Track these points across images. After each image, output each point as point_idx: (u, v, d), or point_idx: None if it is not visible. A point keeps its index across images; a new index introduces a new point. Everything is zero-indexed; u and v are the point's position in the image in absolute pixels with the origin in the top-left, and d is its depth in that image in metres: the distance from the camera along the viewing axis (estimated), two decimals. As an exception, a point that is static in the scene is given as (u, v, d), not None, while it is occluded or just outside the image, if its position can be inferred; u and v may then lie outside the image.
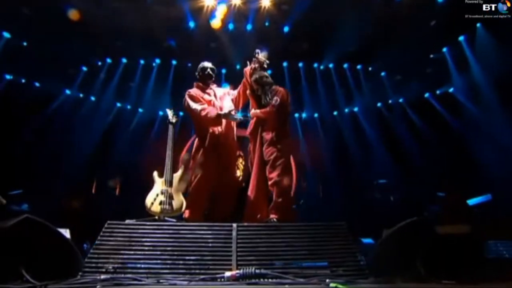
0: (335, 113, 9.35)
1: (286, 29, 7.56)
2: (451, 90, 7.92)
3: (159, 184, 3.38)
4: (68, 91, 8.07)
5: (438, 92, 8.27)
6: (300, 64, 8.67)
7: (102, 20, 6.81)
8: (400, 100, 8.84)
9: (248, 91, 3.93)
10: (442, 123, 7.87)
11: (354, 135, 8.86)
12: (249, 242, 2.80)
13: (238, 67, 8.30)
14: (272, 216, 3.35)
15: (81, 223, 4.94)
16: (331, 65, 8.64)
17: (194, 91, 3.95)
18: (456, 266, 2.51)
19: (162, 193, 3.29)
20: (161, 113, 9.29)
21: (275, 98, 3.62)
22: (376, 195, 8.17)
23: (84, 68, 8.09)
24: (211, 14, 6.91)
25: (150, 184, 3.49)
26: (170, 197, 3.29)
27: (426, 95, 8.44)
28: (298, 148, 9.14)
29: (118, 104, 8.86)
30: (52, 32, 6.68)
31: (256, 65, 3.94)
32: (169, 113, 3.89)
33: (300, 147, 9.04)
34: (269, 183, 3.43)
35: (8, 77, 7.14)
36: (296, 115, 9.44)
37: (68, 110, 7.89)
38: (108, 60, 8.17)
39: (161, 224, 2.88)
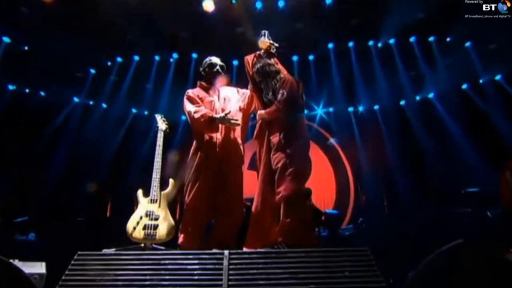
0: (402, 102, 9.03)
1: (328, 0, 7.43)
2: None
3: (144, 204, 3.49)
4: (76, 99, 8.73)
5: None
6: (350, 44, 8.50)
7: (108, 13, 7.24)
8: (497, 78, 8.22)
9: (250, 86, 3.89)
10: None
11: (430, 130, 8.44)
12: (244, 274, 2.75)
13: (271, 54, 8.35)
14: (280, 240, 3.25)
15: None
16: (392, 41, 8.33)
17: (194, 91, 4.03)
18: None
19: (147, 215, 3.40)
20: (183, 117, 9.69)
21: (280, 91, 3.54)
22: (465, 210, 7.64)
23: (92, 71, 8.70)
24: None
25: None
26: (157, 220, 3.38)
27: (537, 67, 7.75)
28: (355, 151, 8.97)
29: (134, 110, 9.38)
30: (54, 33, 7.22)
31: (261, 51, 3.90)
32: (158, 118, 4.04)
33: (357, 150, 8.86)
34: (277, 197, 3.37)
35: (10, 87, 7.90)
36: (351, 109, 9.28)
37: (78, 120, 8.54)
38: (119, 59, 8.69)
39: (139, 253, 2.97)
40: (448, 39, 8.11)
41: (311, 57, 8.73)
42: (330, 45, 8.52)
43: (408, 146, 8.50)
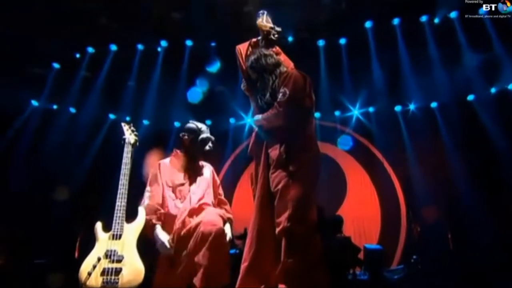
0: (470, 97, 8.96)
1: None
2: None
3: (103, 241, 3.56)
4: (35, 103, 8.95)
5: None
6: (396, 21, 8.47)
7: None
8: None
9: (243, 84, 3.96)
10: None
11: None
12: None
13: (290, 39, 8.44)
14: (280, 286, 3.22)
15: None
16: (453, 15, 8.25)
17: (166, 165, 4.32)
18: None
19: (107, 256, 3.45)
20: (177, 124, 9.85)
21: (281, 90, 3.56)
22: None
23: (56, 65, 8.92)
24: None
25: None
26: (120, 262, 3.44)
27: None
28: (405, 164, 8.90)
29: (112, 116, 9.62)
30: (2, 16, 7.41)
31: (258, 38, 3.96)
32: (125, 128, 4.13)
33: (409, 162, 8.79)
34: (276, 230, 3.37)
35: None
36: (398, 108, 9.29)
37: (37, 131, 8.67)
38: (90, 50, 8.90)
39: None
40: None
41: (342, 41, 8.77)
42: (368, 24, 8.51)
43: (480, 155, 8.36)
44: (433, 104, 9.21)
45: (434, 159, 8.66)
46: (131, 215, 3.85)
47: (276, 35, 3.95)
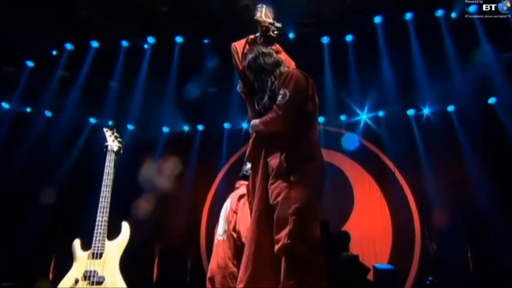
0: (491, 100, 8.95)
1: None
2: None
3: (82, 261, 3.55)
4: (5, 105, 8.92)
5: None
6: (408, 16, 8.48)
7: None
8: None
9: (239, 87, 3.96)
10: None
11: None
12: None
13: (291, 36, 8.45)
14: (280, 310, 3.24)
15: None
16: (472, 9, 8.22)
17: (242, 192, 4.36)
18: None
19: (85, 277, 3.45)
20: (165, 129, 9.83)
21: (281, 92, 3.55)
22: None
23: (30, 64, 8.89)
24: None
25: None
26: (101, 284, 3.43)
27: None
28: (419, 174, 8.90)
29: (92, 120, 9.58)
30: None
31: (256, 35, 3.95)
32: (107, 134, 4.13)
33: (423, 172, 8.80)
34: (276, 247, 3.35)
35: None
36: (411, 112, 9.30)
37: (8, 137, 8.61)
38: (69, 46, 8.88)
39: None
40: None
41: (349, 38, 8.80)
42: (377, 19, 8.53)
43: (504, 165, 8.37)
44: (450, 108, 9.22)
45: (451, 168, 8.66)
46: (113, 231, 3.82)
47: (276, 32, 3.93)
